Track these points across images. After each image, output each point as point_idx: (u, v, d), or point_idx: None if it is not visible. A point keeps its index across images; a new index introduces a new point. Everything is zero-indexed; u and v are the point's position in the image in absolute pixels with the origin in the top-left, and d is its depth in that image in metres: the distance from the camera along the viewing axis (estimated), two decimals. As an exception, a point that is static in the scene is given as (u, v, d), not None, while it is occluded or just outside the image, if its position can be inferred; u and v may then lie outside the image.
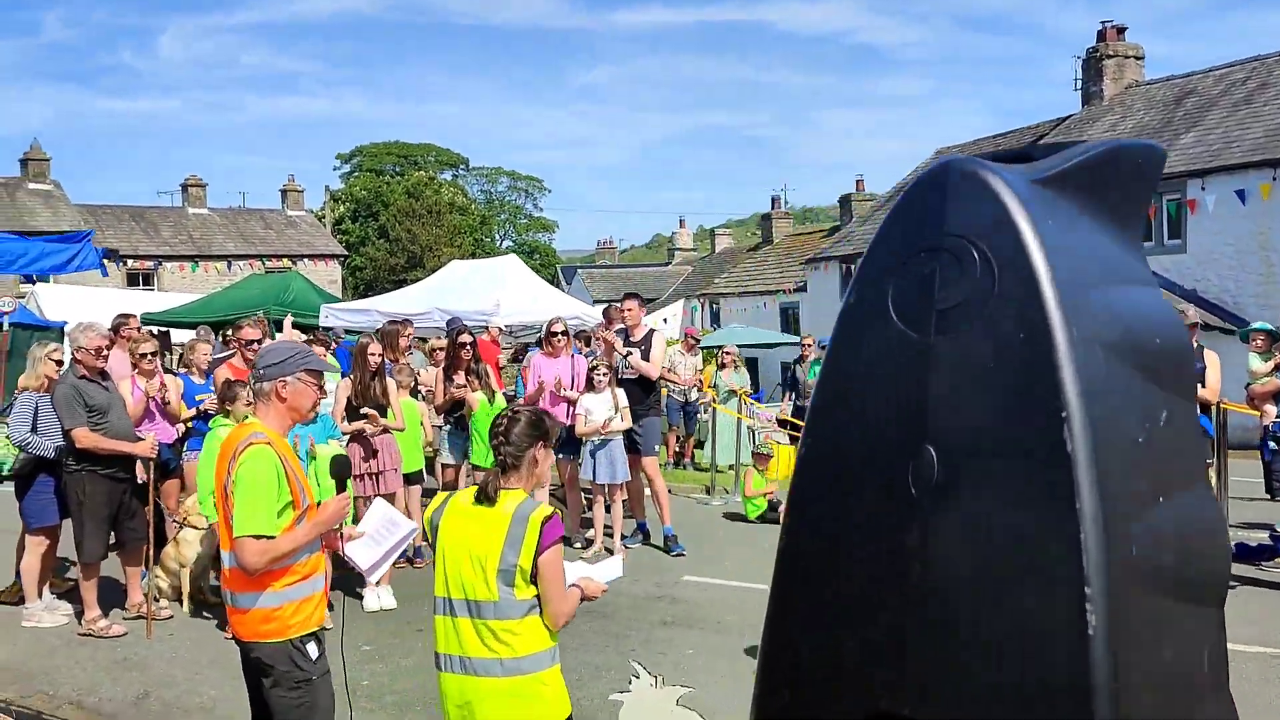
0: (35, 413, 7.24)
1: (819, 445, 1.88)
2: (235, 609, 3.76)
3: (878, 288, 1.95)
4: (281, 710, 3.75)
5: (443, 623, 3.30)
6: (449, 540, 3.30)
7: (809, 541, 1.72)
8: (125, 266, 36.95)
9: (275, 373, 3.84)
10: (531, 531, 3.20)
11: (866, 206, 32.60)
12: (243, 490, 3.62)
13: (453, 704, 3.31)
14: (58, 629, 7.39)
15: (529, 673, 3.21)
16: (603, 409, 9.06)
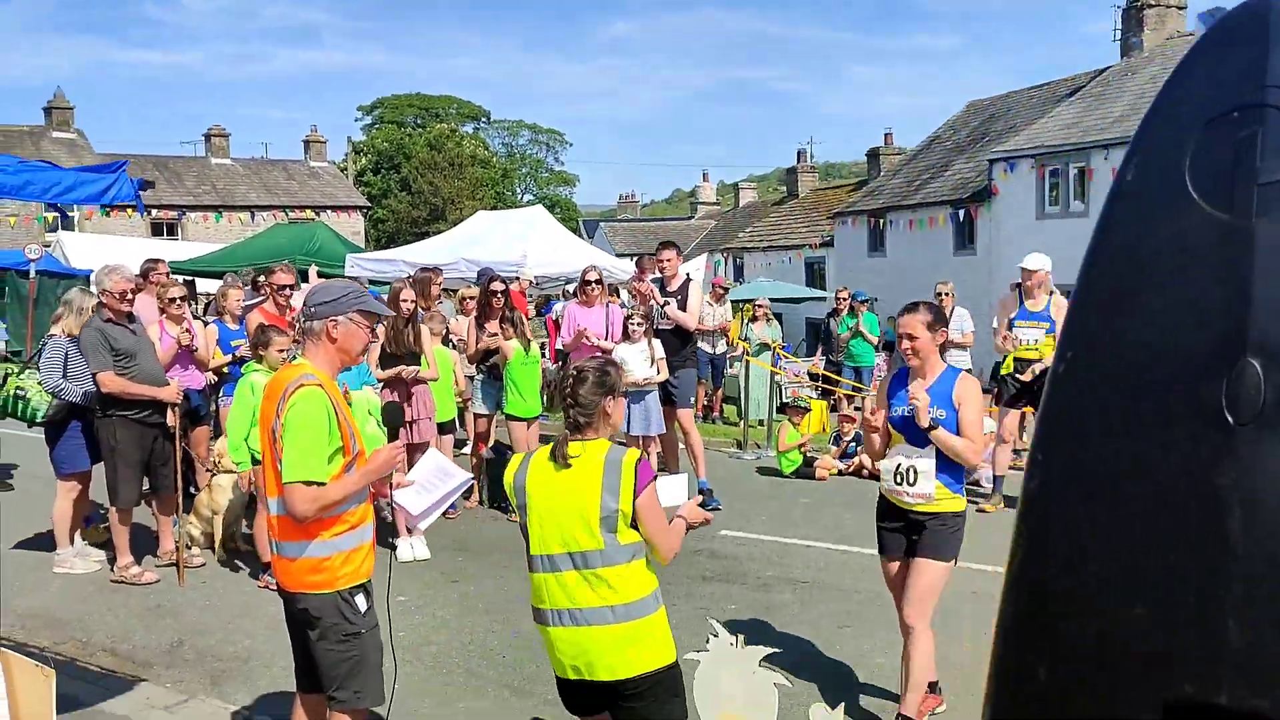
0: (65, 358, 7.12)
1: (1083, 363, 1.39)
2: (281, 558, 3.60)
3: (1167, 160, 1.51)
4: (329, 665, 3.60)
5: (545, 579, 3.28)
6: (541, 497, 3.28)
7: (1069, 485, 1.21)
8: (149, 216, 36.87)
9: (327, 311, 3.65)
10: (627, 475, 3.22)
11: (895, 160, 32.04)
12: (293, 434, 3.44)
13: (567, 657, 3.28)
14: (90, 575, 7.33)
15: (640, 617, 3.24)
16: (638, 360, 8.87)
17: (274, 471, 3.55)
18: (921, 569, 4.51)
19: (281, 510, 3.55)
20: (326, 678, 3.63)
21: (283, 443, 3.46)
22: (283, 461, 3.45)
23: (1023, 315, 8.96)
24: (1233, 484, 1.20)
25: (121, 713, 5.11)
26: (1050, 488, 1.05)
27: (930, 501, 4.50)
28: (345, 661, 3.59)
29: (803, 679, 5.37)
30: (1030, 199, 23.27)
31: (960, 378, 4.57)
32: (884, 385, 4.83)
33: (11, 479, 10.48)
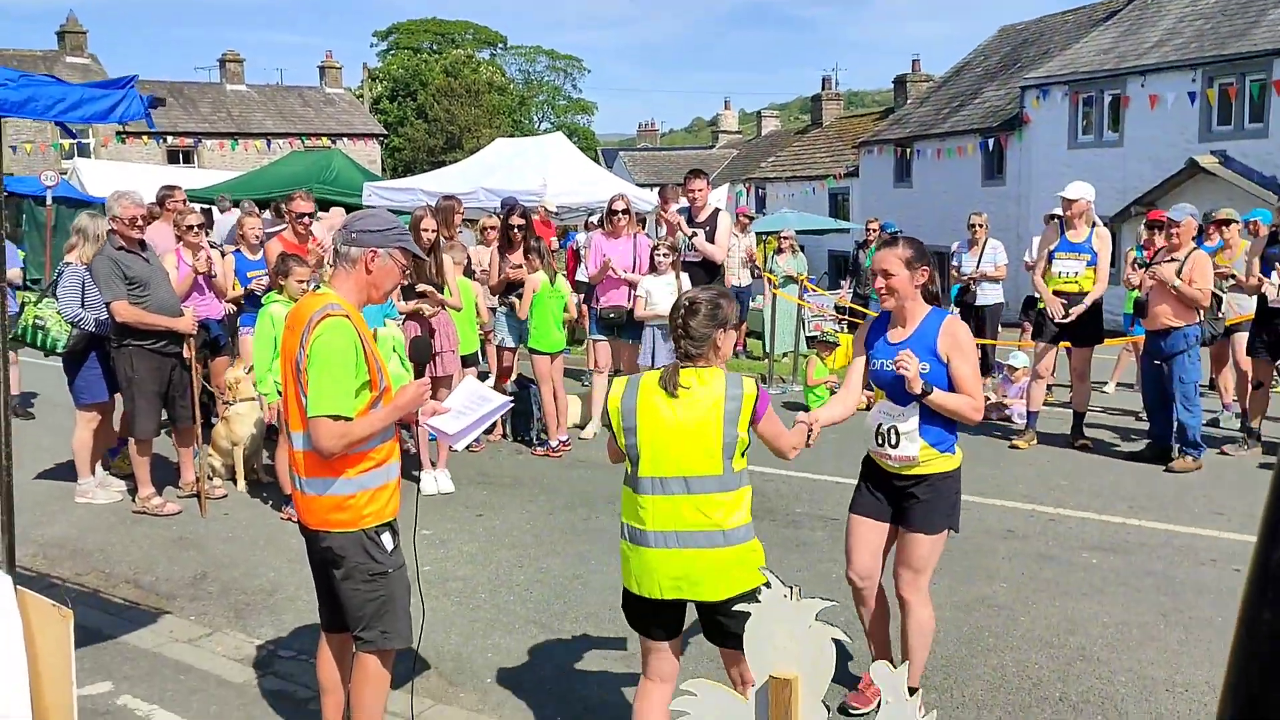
0: (83, 286, 6.98)
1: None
2: (304, 495, 3.45)
3: None
4: (355, 605, 3.47)
5: (654, 501, 3.30)
6: (653, 421, 3.31)
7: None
8: (165, 144, 36.59)
9: (371, 241, 3.47)
10: (747, 404, 3.29)
11: (923, 88, 31.31)
12: (318, 366, 3.27)
13: (667, 577, 3.30)
14: (112, 506, 7.27)
15: (744, 542, 3.33)
16: (665, 292, 8.66)
17: (297, 405, 3.39)
18: (914, 543, 4.12)
19: (305, 445, 3.40)
20: (352, 618, 3.51)
21: (307, 375, 3.29)
22: (308, 395, 3.29)
23: (1063, 247, 8.65)
24: None
25: (145, 646, 5.05)
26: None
27: (914, 464, 4.07)
28: (372, 602, 3.47)
29: (837, 619, 5.23)
30: (1062, 128, 22.71)
31: (945, 324, 4.03)
32: (861, 333, 4.35)
33: (32, 407, 10.43)
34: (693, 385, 3.31)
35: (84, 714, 4.23)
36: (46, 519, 7.01)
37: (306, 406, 3.31)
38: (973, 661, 4.82)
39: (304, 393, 3.34)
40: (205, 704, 4.43)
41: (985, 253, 11.64)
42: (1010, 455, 8.78)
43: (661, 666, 3.53)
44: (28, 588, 5.54)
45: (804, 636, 2.33)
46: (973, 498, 7.42)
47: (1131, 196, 20.37)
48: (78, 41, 36.53)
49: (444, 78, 57.10)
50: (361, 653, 3.54)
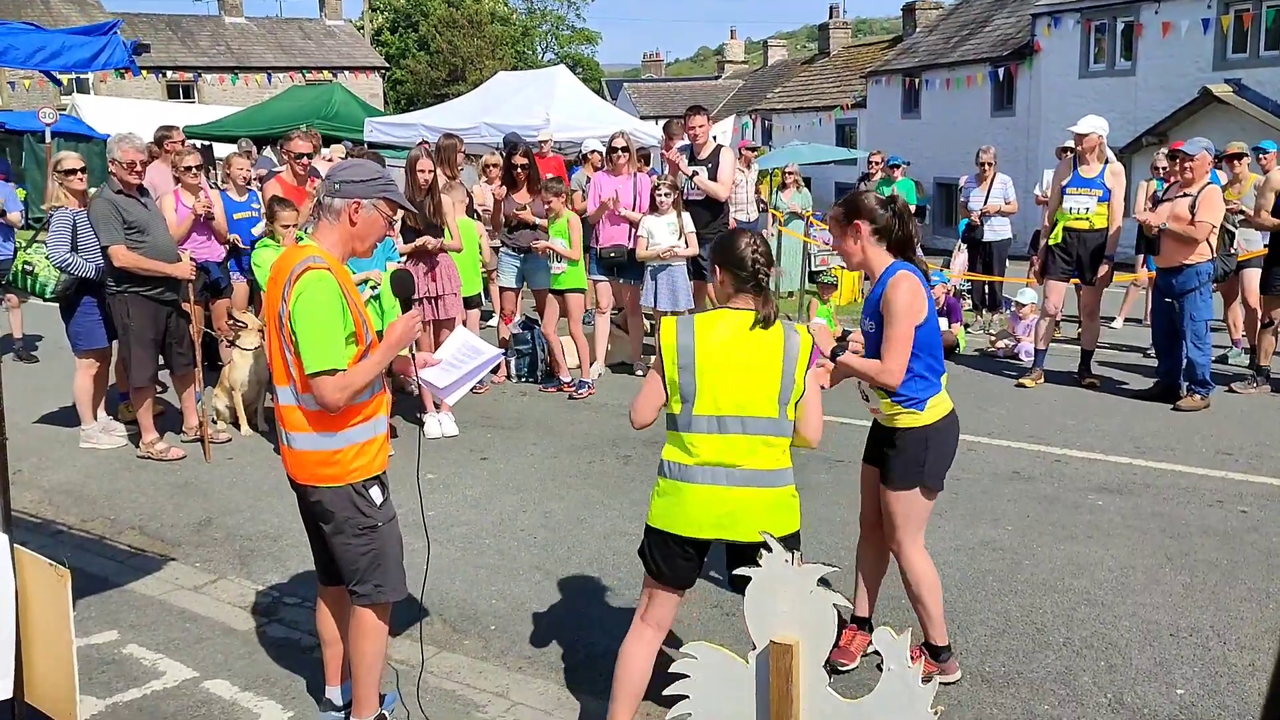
0: (74, 231, 6.89)
1: None
2: (291, 449, 3.41)
3: None
4: (348, 559, 3.45)
5: (709, 439, 3.30)
6: (713, 360, 3.30)
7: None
8: (165, 79, 36.14)
9: (355, 191, 3.39)
10: (804, 352, 3.32)
11: (932, 16, 30.67)
12: (306, 323, 3.21)
13: (709, 515, 3.30)
14: (117, 451, 7.27)
15: (786, 485, 3.36)
16: (666, 232, 8.56)
17: (281, 359, 3.33)
18: (883, 497, 4.12)
19: (290, 400, 3.35)
20: (346, 572, 3.50)
21: (296, 333, 3.23)
22: (301, 353, 3.23)
23: (1075, 182, 8.49)
24: None
25: (150, 593, 5.06)
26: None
27: (883, 417, 4.10)
28: (364, 555, 3.45)
29: (841, 564, 5.25)
30: (1074, 56, 22.26)
31: (890, 282, 3.85)
32: None
33: (36, 351, 10.40)
34: (746, 322, 3.33)
35: (91, 663, 4.26)
36: (51, 464, 7.02)
37: (301, 365, 3.25)
38: (976, 606, 4.82)
39: (289, 349, 3.28)
40: (211, 652, 4.45)
41: (994, 187, 11.48)
42: (1017, 394, 8.73)
43: (661, 613, 3.53)
44: (33, 535, 5.58)
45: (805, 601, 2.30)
46: (979, 438, 7.40)
47: (1143, 127, 20.03)
48: (73, -26, 35.90)
49: (446, 8, 56.10)
50: (358, 606, 3.53)
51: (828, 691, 2.37)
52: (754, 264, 3.34)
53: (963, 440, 7.41)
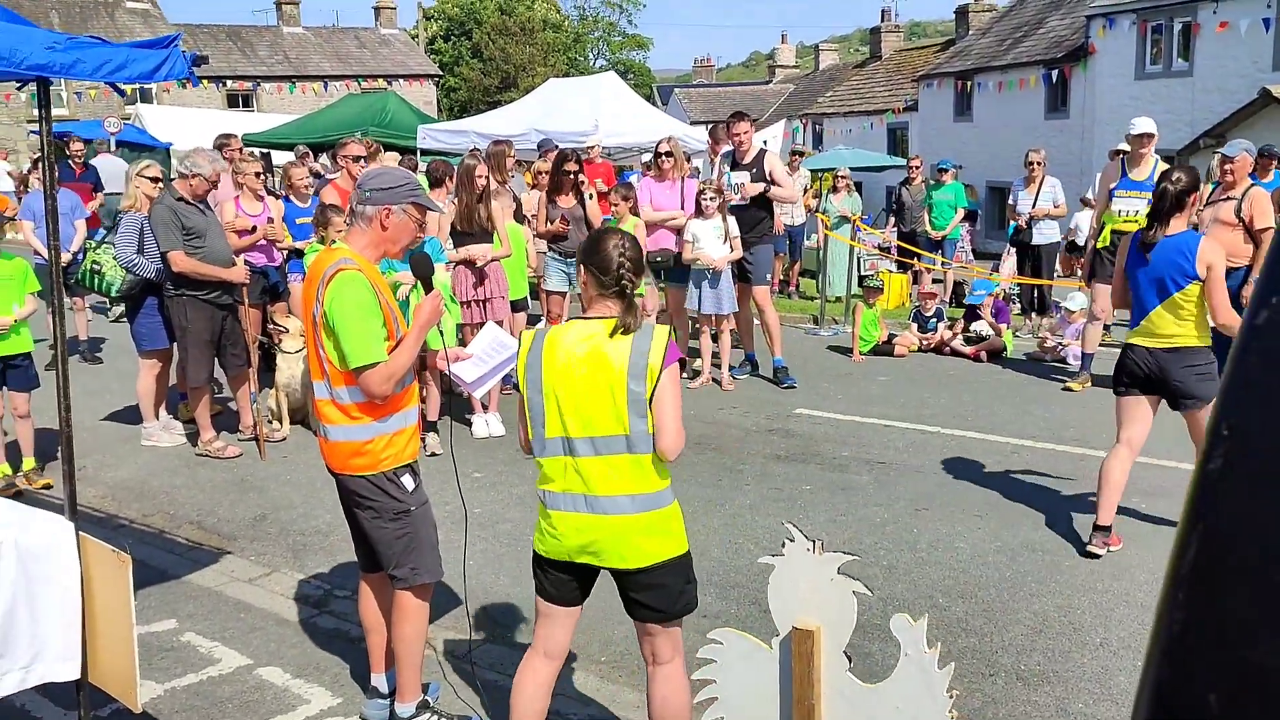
0: (141, 234, 7.17)
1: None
2: (326, 441, 3.62)
3: None
4: (384, 544, 3.63)
5: (559, 463, 3.10)
6: (560, 378, 3.07)
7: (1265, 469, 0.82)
8: (225, 88, 36.94)
9: (383, 198, 3.57)
10: (656, 356, 3.02)
11: (985, 18, 30.39)
12: (344, 321, 3.40)
13: (575, 544, 3.12)
14: (176, 449, 7.51)
15: (658, 507, 3.10)
16: (711, 236, 8.64)
17: (316, 355, 3.55)
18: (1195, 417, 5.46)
19: (324, 394, 3.56)
20: (384, 557, 3.67)
21: (335, 332, 3.42)
22: (343, 350, 3.42)
23: (1125, 185, 8.43)
24: None
25: (206, 584, 5.25)
26: (1238, 471, 0.81)
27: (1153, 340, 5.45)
28: (400, 539, 3.63)
29: (880, 564, 5.30)
30: (1130, 57, 21.95)
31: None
32: None
33: (100, 352, 10.75)
34: (597, 333, 3.08)
35: (150, 651, 4.45)
36: (114, 461, 7.28)
37: (342, 362, 3.44)
38: (1015, 606, 4.84)
39: (323, 347, 3.49)
40: (264, 641, 4.61)
41: (1042, 190, 11.40)
42: (1064, 398, 8.68)
43: (552, 639, 3.31)
44: (96, 528, 5.79)
45: (826, 588, 2.37)
46: (1025, 441, 7.40)
47: (1201, 128, 19.69)
48: (137, -13, 36.86)
49: (499, 15, 56.70)
50: (397, 590, 3.68)
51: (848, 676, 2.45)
52: (619, 267, 3.10)
53: (1006, 442, 7.46)
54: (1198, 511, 0.87)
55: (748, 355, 9.61)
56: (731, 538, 5.71)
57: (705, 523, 5.93)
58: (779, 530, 5.01)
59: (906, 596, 4.93)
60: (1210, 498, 0.87)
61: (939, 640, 4.35)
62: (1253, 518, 0.80)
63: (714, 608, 4.84)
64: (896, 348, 10.40)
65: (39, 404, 6.78)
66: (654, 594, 3.11)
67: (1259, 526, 0.81)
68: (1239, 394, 0.82)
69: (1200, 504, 0.87)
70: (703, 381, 9.10)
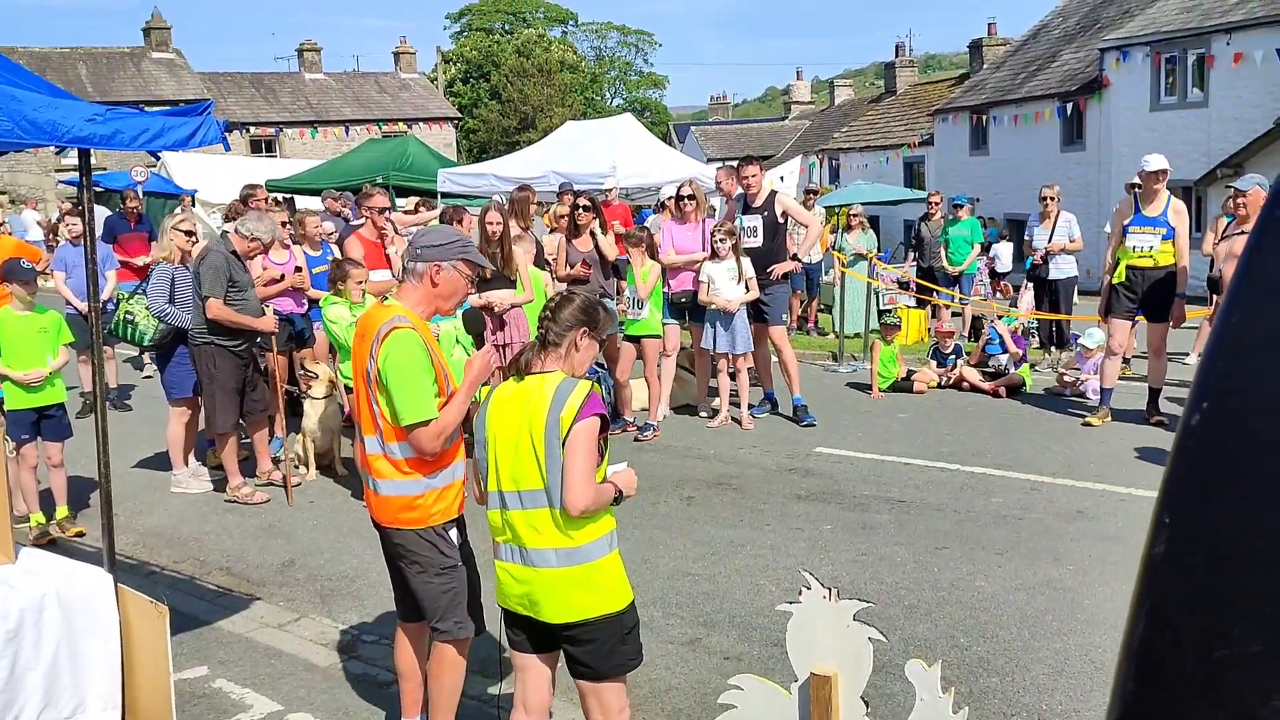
0: (172, 284, 7.35)
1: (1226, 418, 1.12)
2: (376, 495, 3.69)
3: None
4: (429, 598, 3.69)
5: (498, 515, 3.24)
6: (496, 432, 3.20)
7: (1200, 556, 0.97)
8: (248, 134, 37.54)
9: (434, 255, 3.67)
10: (569, 411, 3.09)
11: (999, 52, 30.60)
12: (399, 379, 3.49)
13: (513, 594, 3.24)
14: (205, 496, 7.63)
15: (585, 562, 3.13)
16: (725, 278, 8.74)
17: (369, 410, 3.62)
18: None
19: (376, 449, 3.62)
20: (428, 610, 3.73)
21: (389, 389, 3.50)
22: (396, 407, 3.50)
23: (1138, 221, 8.49)
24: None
25: (236, 630, 5.34)
26: (1179, 558, 0.91)
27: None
28: (445, 594, 3.69)
29: (901, 603, 5.34)
30: (1144, 89, 22.05)
31: None
32: None
33: (130, 400, 10.92)
34: (535, 386, 3.19)
35: (183, 698, 4.53)
36: (145, 509, 7.41)
37: (395, 418, 3.51)
38: (1035, 645, 4.86)
39: (376, 403, 3.56)
40: (294, 687, 4.69)
41: (1058, 225, 11.47)
42: (1083, 433, 8.69)
43: (527, 690, 3.36)
44: (129, 575, 5.90)
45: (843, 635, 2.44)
46: (1044, 477, 7.42)
47: (1217, 159, 19.73)
48: (163, 38, 37.60)
49: (516, 58, 57.51)
50: (439, 642, 3.76)
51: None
52: (545, 311, 3.28)
53: (1026, 479, 7.50)
54: (1144, 592, 0.95)
55: (767, 394, 9.69)
56: (753, 579, 5.76)
57: (728, 564, 5.98)
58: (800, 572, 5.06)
59: (928, 636, 4.96)
60: (1155, 580, 0.96)
61: (960, 681, 4.40)
62: (1192, 600, 0.89)
63: (736, 649, 4.89)
64: (915, 384, 10.44)
65: (70, 452, 6.93)
66: (584, 650, 3.18)
67: (1198, 608, 0.89)
68: (1177, 487, 0.91)
69: (1147, 585, 0.95)
70: (721, 420, 9.18)
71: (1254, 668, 0.84)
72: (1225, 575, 0.91)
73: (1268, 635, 0.87)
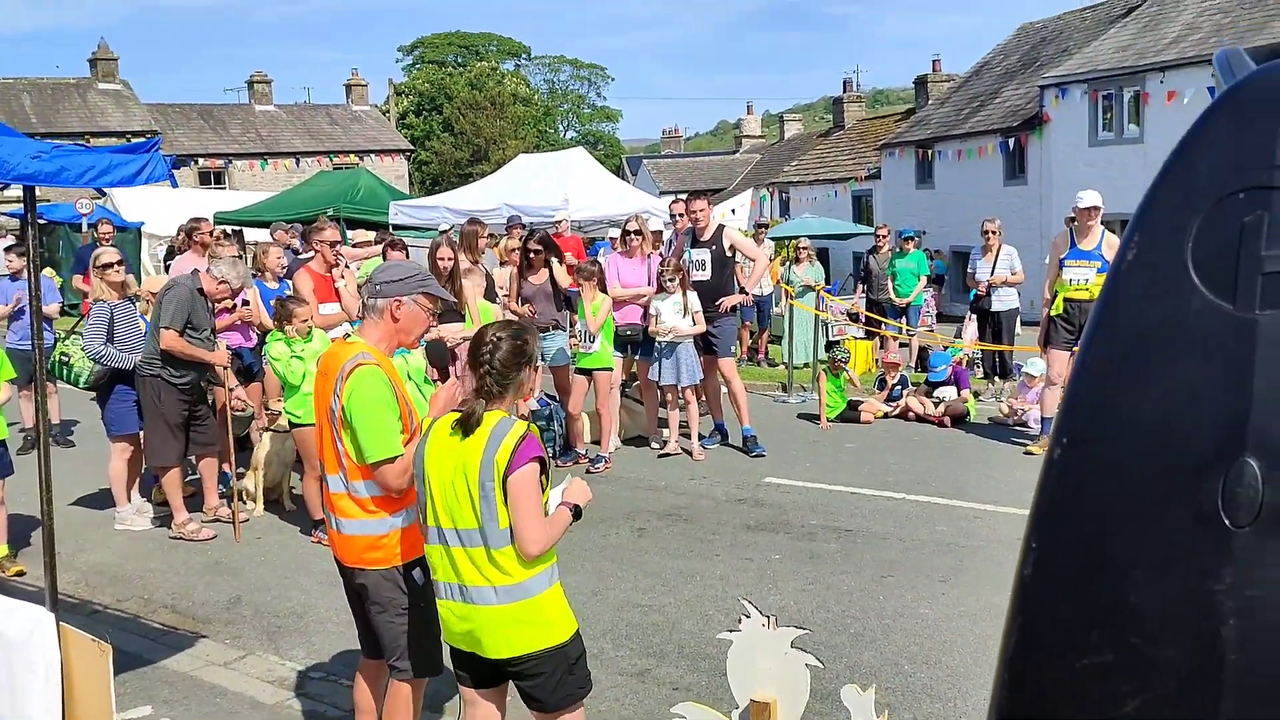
0: (110, 323, 7.26)
1: (1081, 452, 1.31)
2: (340, 534, 3.67)
3: (1169, 240, 1.39)
4: (391, 637, 3.68)
5: (437, 552, 3.24)
6: (434, 468, 3.20)
7: (1063, 576, 1.17)
8: (196, 165, 37.22)
9: (395, 290, 3.68)
10: (503, 454, 3.08)
11: (943, 88, 31.27)
12: (364, 416, 3.48)
13: (457, 631, 3.25)
14: (150, 532, 7.54)
15: (525, 598, 3.14)
16: (672, 312, 8.84)
17: (333, 448, 3.61)
18: None
19: (340, 488, 3.62)
20: (388, 648, 3.73)
21: (354, 426, 3.50)
22: (361, 444, 3.49)
23: (1074, 254, 8.75)
24: (1228, 591, 1.15)
25: (181, 669, 5.28)
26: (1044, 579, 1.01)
27: None
28: (405, 633, 3.68)
29: (847, 631, 5.42)
30: (1083, 126, 22.66)
31: None
32: None
33: (72, 435, 10.76)
34: (469, 429, 3.15)
35: (126, 737, 4.47)
36: (88, 546, 7.30)
37: (360, 456, 3.51)
38: (977, 671, 4.95)
39: (341, 441, 3.56)
40: (240, 725, 4.65)
41: (999, 259, 11.74)
42: (1025, 462, 8.88)
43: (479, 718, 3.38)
44: (71, 614, 5.82)
45: (781, 662, 2.50)
46: (986, 505, 7.56)
47: (1154, 193, 20.30)
48: (109, 69, 37.23)
49: (469, 90, 57.68)
50: (396, 680, 3.76)
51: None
52: (480, 362, 3.18)
53: (969, 508, 7.63)
54: (1017, 609, 1.04)
55: (717, 424, 9.78)
56: (703, 609, 5.81)
57: (678, 595, 6.03)
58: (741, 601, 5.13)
59: (873, 663, 5.04)
60: (1025, 599, 1.05)
61: (904, 707, 4.48)
62: (1056, 616, 0.98)
63: (685, 680, 4.93)
64: (863, 414, 10.60)
65: (11, 490, 6.83)
66: (532, 684, 3.21)
67: (1061, 623, 0.98)
68: (1042, 514, 1.02)
69: (1018, 604, 1.04)
70: (670, 450, 9.25)
71: (1106, 676, 0.93)
72: (1082, 593, 1.04)
73: (1117, 646, 1.00)
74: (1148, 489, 1.27)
